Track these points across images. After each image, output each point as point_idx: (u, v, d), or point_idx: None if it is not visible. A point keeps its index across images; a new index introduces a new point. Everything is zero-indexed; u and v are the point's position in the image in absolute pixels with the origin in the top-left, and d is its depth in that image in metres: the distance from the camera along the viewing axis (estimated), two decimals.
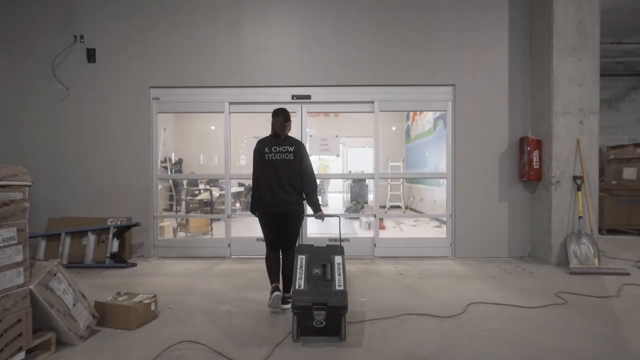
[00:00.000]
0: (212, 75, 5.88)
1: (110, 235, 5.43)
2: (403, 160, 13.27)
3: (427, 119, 11.08)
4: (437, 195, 10.12)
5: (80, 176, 5.90)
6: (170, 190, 11.05)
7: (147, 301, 3.43)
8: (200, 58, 5.87)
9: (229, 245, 5.97)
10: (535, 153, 5.49)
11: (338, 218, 4.02)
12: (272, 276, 3.67)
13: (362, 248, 5.99)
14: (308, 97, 5.92)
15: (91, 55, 5.87)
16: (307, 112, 6.00)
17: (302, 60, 5.87)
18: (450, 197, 5.93)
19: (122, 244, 5.70)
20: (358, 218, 10.66)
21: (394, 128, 13.79)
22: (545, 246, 5.44)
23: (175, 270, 5.21)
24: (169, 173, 12.16)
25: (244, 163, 17.55)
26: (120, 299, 3.50)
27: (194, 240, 6.14)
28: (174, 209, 9.56)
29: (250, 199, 3.88)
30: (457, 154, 5.86)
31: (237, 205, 11.53)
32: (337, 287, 2.96)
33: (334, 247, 3.41)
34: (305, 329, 2.99)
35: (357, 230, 8.66)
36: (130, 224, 5.52)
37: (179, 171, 12.71)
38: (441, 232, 7.98)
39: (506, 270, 5.17)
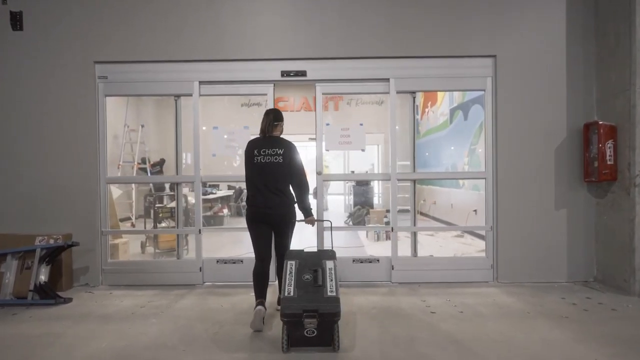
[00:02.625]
0: (177, 45, 4.46)
1: (36, 260, 4.01)
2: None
3: (440, 110, 9.69)
4: (455, 198, 8.73)
5: (2, 180, 4.47)
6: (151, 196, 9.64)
7: None
8: (161, 23, 4.45)
9: (200, 270, 4.55)
10: (609, 144, 4.09)
11: (330, 223, 3.77)
12: (258, 292, 3.35)
13: (376, 271, 4.58)
14: (302, 73, 4.50)
15: (17, 21, 4.44)
16: (323, 94, 4.60)
17: (295, 25, 4.47)
18: (491, 203, 4.52)
19: (57, 271, 4.29)
20: (363, 225, 9.26)
21: (397, 127, 12.39)
22: (625, 269, 4.04)
23: (122, 309, 3.78)
24: (148, 173, 10.77)
25: (237, 164, 16.19)
26: None
27: (155, 263, 4.69)
28: (150, 217, 8.10)
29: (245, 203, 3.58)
30: (500, 147, 4.45)
31: (225, 211, 10.12)
32: (329, 293, 2.80)
33: (325, 252, 3.23)
34: (295, 339, 2.78)
35: (363, 241, 7.25)
36: (63, 244, 4.08)
37: (160, 173, 11.29)
38: (465, 243, 6.56)
39: (576, 304, 3.76)
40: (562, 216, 4.43)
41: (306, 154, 20.25)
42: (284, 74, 4.49)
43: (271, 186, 3.29)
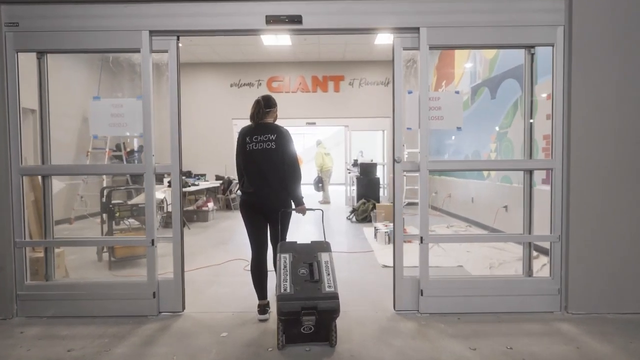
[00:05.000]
0: None
1: None
2: None
3: (459, 89, 8.36)
4: (477, 191, 7.46)
5: None
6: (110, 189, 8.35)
7: None
8: None
9: (154, 296, 3.27)
10: None
11: (321, 212, 3.43)
12: (258, 291, 3.21)
13: (398, 295, 3.32)
14: (297, 19, 3.17)
15: None
16: (404, 48, 3.22)
17: None
18: (560, 204, 3.24)
19: None
20: (369, 222, 8.00)
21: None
22: None
23: None
24: (125, 164, 9.45)
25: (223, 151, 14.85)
26: None
27: (93, 287, 3.20)
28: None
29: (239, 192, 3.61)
30: (575, 126, 3.16)
31: (211, 205, 8.83)
32: (327, 289, 2.65)
33: (320, 244, 3.06)
34: (291, 336, 2.66)
35: (371, 244, 5.98)
36: None
37: (139, 162, 9.97)
38: (496, 248, 5.26)
39: None
40: None
41: (303, 142, 18.85)
42: (271, 19, 3.16)
43: (264, 174, 3.13)
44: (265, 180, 3.12)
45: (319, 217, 9.11)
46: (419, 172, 3.28)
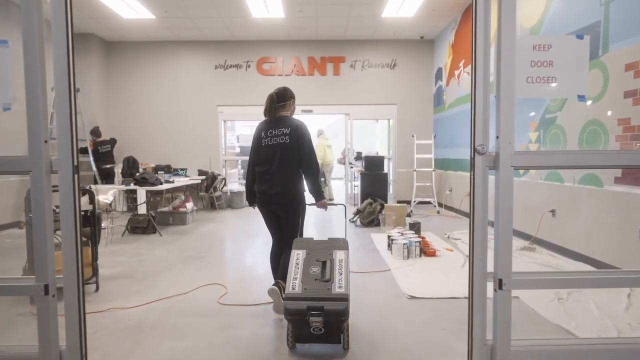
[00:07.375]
0: None
1: None
2: (435, 136, 9.29)
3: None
4: None
5: None
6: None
7: None
8: None
9: None
10: None
11: (343, 207, 3.58)
12: (274, 274, 3.28)
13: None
14: None
15: None
16: None
17: None
18: None
19: None
20: (377, 225, 6.72)
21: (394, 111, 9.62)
22: None
23: None
24: (90, 157, 8.10)
25: (237, 149, 13.46)
26: None
27: None
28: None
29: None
30: None
31: (190, 205, 7.49)
32: (337, 289, 2.50)
33: (336, 241, 2.97)
34: (302, 335, 2.53)
35: (386, 259, 4.67)
36: None
37: (110, 156, 8.59)
38: (545, 264, 3.90)
39: None
40: None
41: None
42: None
43: (278, 169, 3.07)
44: (276, 175, 3.07)
45: (323, 216, 7.92)
46: (497, 170, 1.97)
